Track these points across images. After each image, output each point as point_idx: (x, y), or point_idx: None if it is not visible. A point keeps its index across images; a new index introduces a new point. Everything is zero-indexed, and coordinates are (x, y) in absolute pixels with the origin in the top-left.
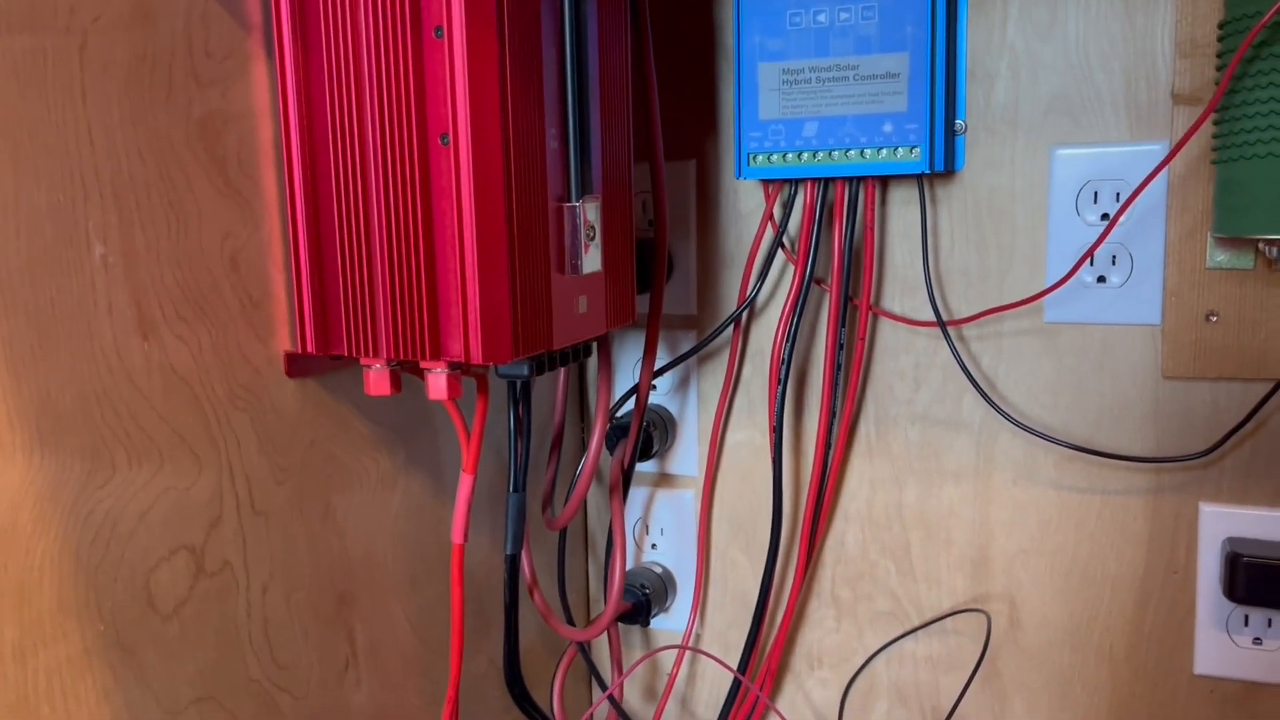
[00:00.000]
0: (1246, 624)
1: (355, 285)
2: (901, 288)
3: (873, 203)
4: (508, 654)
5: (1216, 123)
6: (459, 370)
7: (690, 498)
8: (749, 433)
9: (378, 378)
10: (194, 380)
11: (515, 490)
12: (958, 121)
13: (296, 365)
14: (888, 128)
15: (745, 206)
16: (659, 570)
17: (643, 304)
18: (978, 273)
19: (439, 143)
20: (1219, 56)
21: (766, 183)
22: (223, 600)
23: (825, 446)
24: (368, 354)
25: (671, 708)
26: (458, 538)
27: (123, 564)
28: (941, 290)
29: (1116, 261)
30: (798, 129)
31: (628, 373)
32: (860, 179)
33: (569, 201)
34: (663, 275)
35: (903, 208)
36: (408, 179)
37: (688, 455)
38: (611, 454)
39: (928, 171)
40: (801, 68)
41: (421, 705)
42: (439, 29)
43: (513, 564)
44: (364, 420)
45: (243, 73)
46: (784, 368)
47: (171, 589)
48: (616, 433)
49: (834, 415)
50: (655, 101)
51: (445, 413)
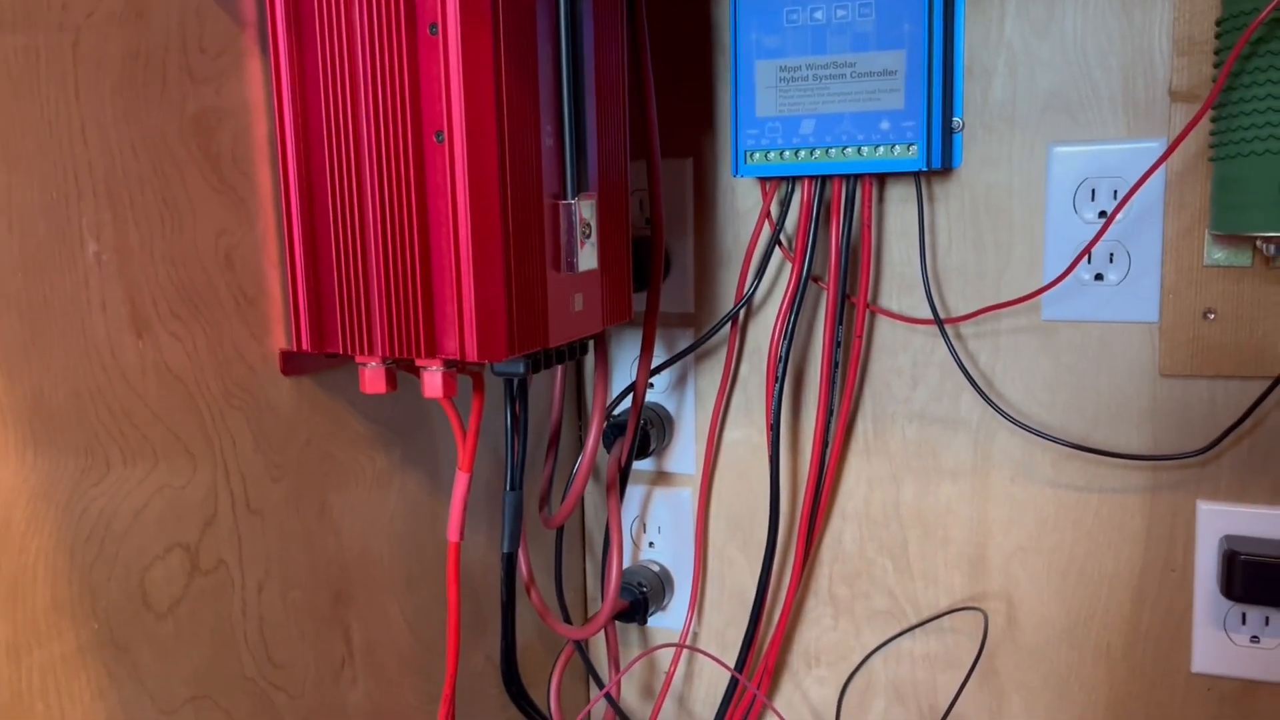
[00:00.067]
0: (1244, 622)
1: (350, 283)
2: (899, 285)
3: (870, 200)
4: (505, 652)
5: (1214, 120)
6: (454, 368)
7: (688, 496)
8: (746, 431)
9: (373, 376)
10: (188, 378)
11: (512, 488)
12: (955, 119)
13: (292, 363)
14: (885, 125)
15: (743, 204)
16: (656, 568)
17: (640, 302)
18: (975, 270)
19: (434, 140)
20: (1216, 54)
21: (764, 180)
22: (218, 599)
23: (823, 444)
24: (363, 352)
25: (669, 706)
26: (453, 536)
27: (117, 562)
28: (939, 288)
29: (1114, 259)
30: (795, 126)
31: (625, 371)
32: (858, 176)
33: (564, 199)
34: (659, 273)
35: (900, 205)
36: (402, 176)
37: (685, 453)
38: (609, 452)
39: (925, 169)
40: (798, 65)
41: (418, 704)
42: (434, 26)
43: (509, 562)
44: (360, 418)
45: (237, 69)
46: (781, 365)
47: (166, 587)
48: (614, 431)
49: (831, 413)
50: (651, 99)
51: (442, 411)
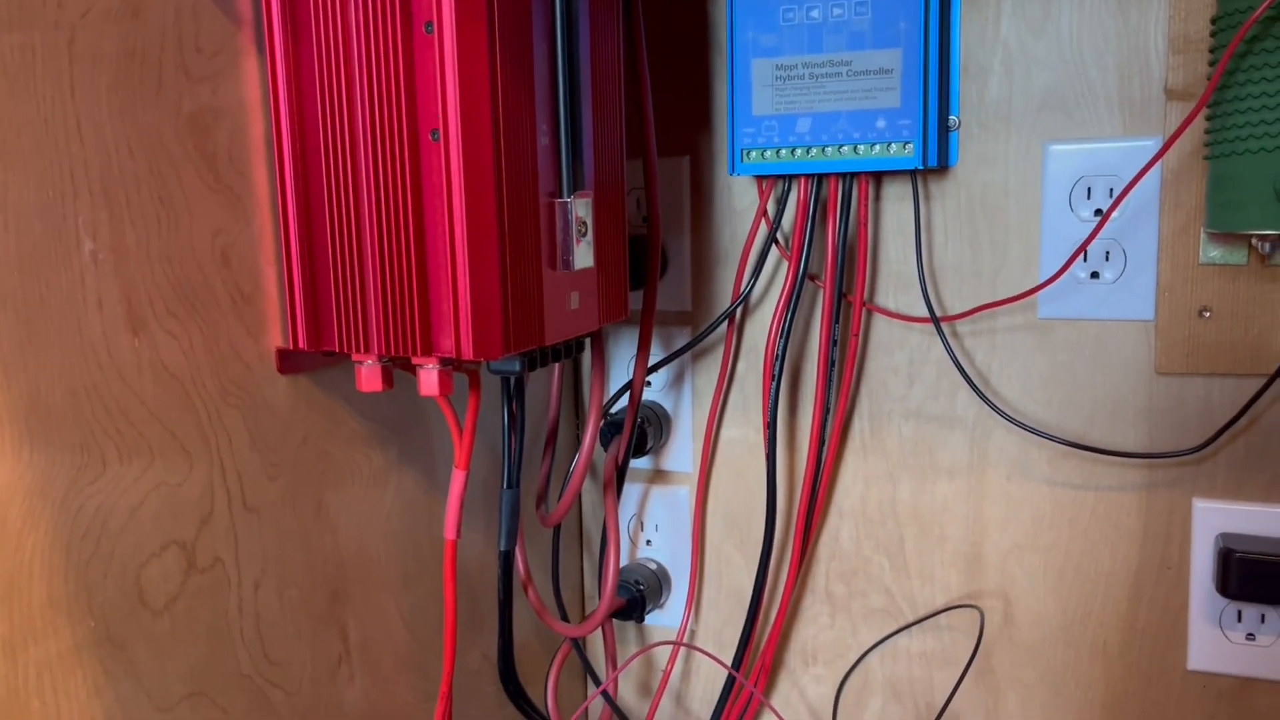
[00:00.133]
0: (1240, 619)
1: (346, 281)
2: (895, 284)
3: (866, 199)
4: (502, 650)
5: (1209, 118)
6: (450, 366)
7: (685, 494)
8: (743, 429)
9: (369, 374)
10: (185, 376)
11: (509, 486)
12: (951, 117)
13: (288, 361)
14: (881, 123)
15: (739, 203)
16: (654, 566)
17: (637, 300)
18: (971, 269)
19: (429, 138)
20: (1211, 52)
21: (760, 179)
22: (214, 596)
23: (819, 443)
24: (359, 350)
25: (666, 704)
26: (450, 534)
27: (113, 560)
28: (935, 286)
29: (1110, 257)
30: (791, 125)
31: (623, 369)
32: (854, 175)
33: (560, 197)
34: (656, 271)
35: (896, 204)
36: (398, 175)
37: (682, 451)
38: (606, 450)
39: (921, 167)
40: (795, 63)
41: (415, 701)
42: (429, 24)
43: (506, 560)
44: (356, 416)
45: (233, 68)
46: (778, 364)
47: (163, 585)
48: (611, 429)
49: (828, 411)
50: (648, 97)
51: (438, 409)
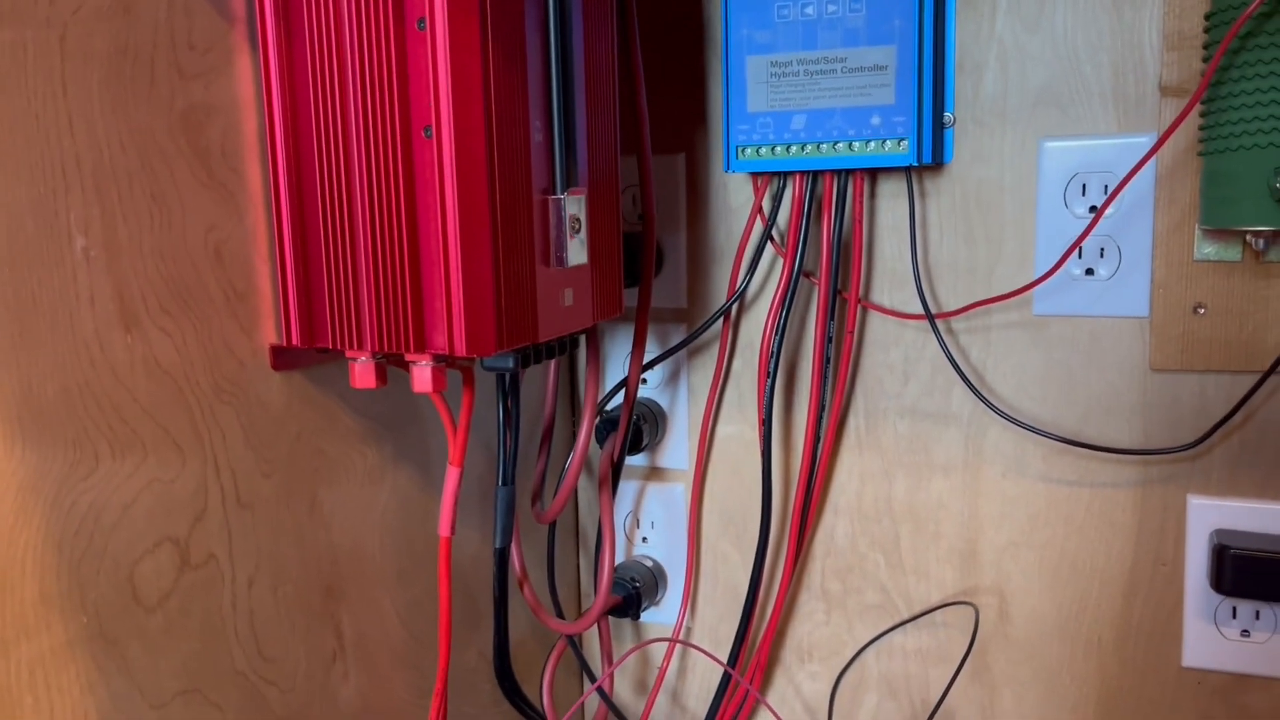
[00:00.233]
0: (1234, 616)
1: (339, 277)
2: (890, 281)
3: (861, 195)
4: (497, 647)
5: (1203, 115)
6: (444, 363)
7: (681, 491)
8: (739, 426)
9: (363, 370)
10: (178, 373)
11: (504, 483)
12: (946, 114)
13: (282, 358)
14: (875, 120)
15: (735, 200)
16: (649, 564)
17: (632, 298)
18: (966, 265)
19: (422, 135)
20: (1205, 48)
21: (755, 176)
22: (208, 593)
23: (814, 440)
24: (352, 347)
25: (662, 701)
26: (445, 531)
27: (106, 556)
28: (930, 283)
29: (1105, 254)
30: (786, 122)
31: (619, 366)
32: (849, 172)
33: (554, 194)
34: (651, 268)
35: (891, 200)
36: (391, 171)
37: (678, 449)
38: (601, 447)
39: (916, 164)
40: (789, 60)
41: (410, 698)
42: (422, 21)
43: (502, 557)
44: (351, 413)
45: (226, 65)
46: (773, 361)
47: (156, 581)
48: (606, 426)
49: (823, 408)
50: (642, 94)
51: (433, 406)
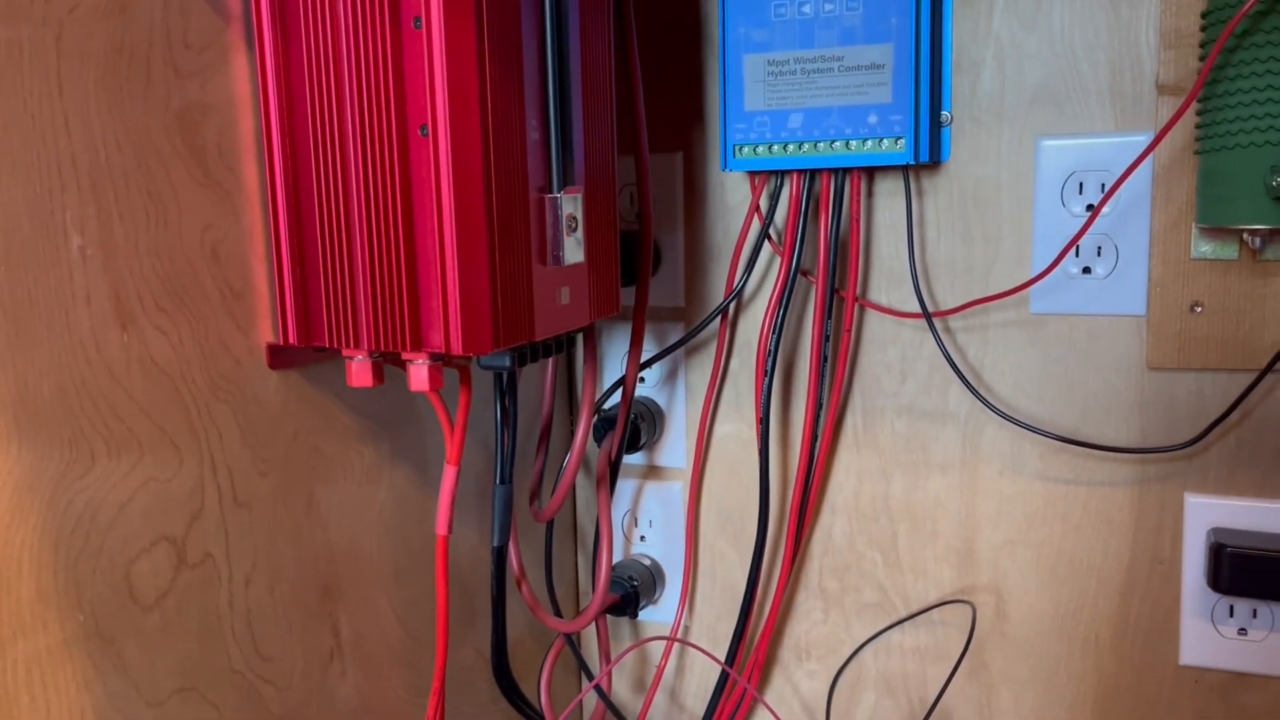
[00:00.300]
0: (1231, 614)
1: (336, 276)
2: (888, 279)
3: (858, 194)
4: (495, 646)
5: (1199, 113)
6: (441, 361)
7: (679, 490)
8: (737, 425)
9: (359, 369)
10: (174, 372)
11: (502, 482)
12: (943, 112)
13: (279, 357)
14: (873, 119)
15: (732, 199)
16: (647, 562)
17: (630, 296)
18: (964, 264)
19: (418, 133)
20: (1202, 46)
21: (753, 175)
22: (205, 591)
23: (812, 438)
24: (349, 345)
25: (660, 699)
26: (441, 529)
27: (103, 555)
28: (928, 282)
29: (1102, 252)
30: (783, 120)
31: (616, 365)
32: (846, 170)
33: (550, 192)
34: (648, 267)
35: (889, 199)
36: (387, 170)
37: (676, 447)
38: (599, 446)
39: (913, 162)
40: (786, 59)
41: (408, 697)
42: (418, 19)
43: (499, 556)
44: (348, 412)
45: (222, 64)
46: (770, 359)
47: (153, 580)
48: (604, 425)
49: (821, 407)
50: (639, 93)
51: (430, 404)
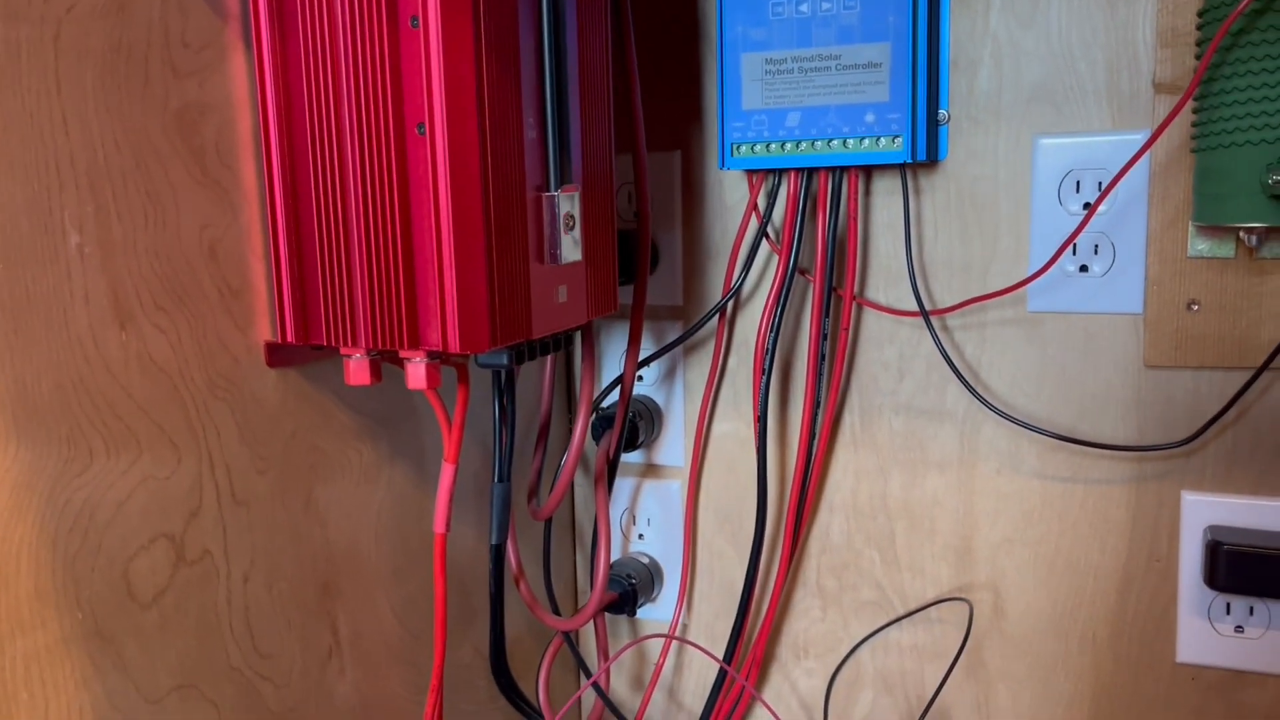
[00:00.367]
0: (1228, 612)
1: (334, 275)
2: (885, 278)
3: (856, 193)
4: (493, 643)
5: (1196, 111)
6: (438, 359)
7: (677, 488)
8: (735, 423)
9: (357, 367)
10: (172, 370)
11: (500, 480)
12: (940, 111)
13: (277, 355)
14: (870, 117)
15: (730, 198)
16: (646, 560)
17: (628, 295)
18: (961, 263)
19: (415, 132)
20: (1198, 45)
21: (751, 173)
22: (203, 589)
23: (810, 437)
24: (347, 343)
25: (658, 697)
26: (439, 527)
27: (101, 552)
28: (925, 280)
29: (1099, 251)
30: (781, 119)
31: (615, 363)
32: (844, 169)
33: (547, 191)
34: (646, 265)
35: (886, 198)
36: (384, 168)
37: (674, 446)
38: (597, 444)
39: (910, 161)
40: (784, 58)
41: (406, 694)
42: (415, 18)
43: (498, 554)
44: (346, 410)
45: (220, 63)
46: (768, 358)
47: (151, 577)
48: (602, 423)
49: (818, 406)
50: (637, 91)
51: (428, 403)
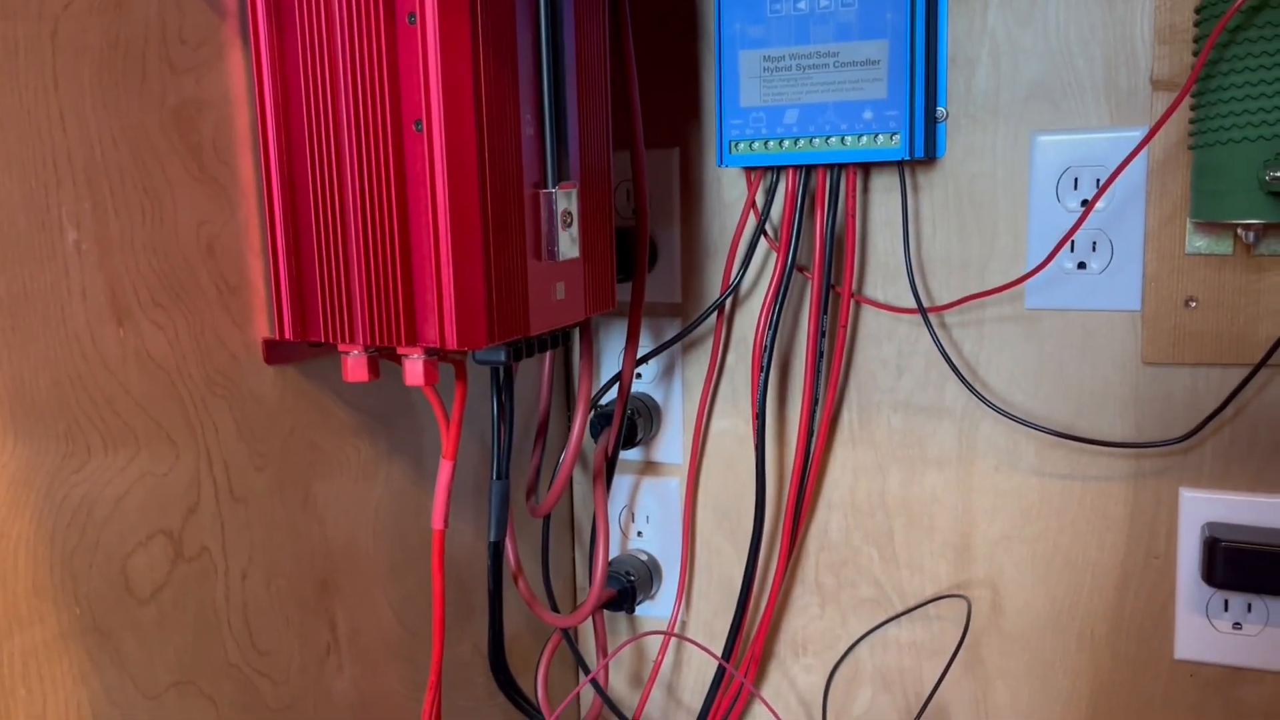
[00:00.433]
0: (1226, 609)
1: (331, 271)
2: (884, 275)
3: (854, 190)
4: (492, 640)
5: (1193, 108)
6: (436, 356)
7: (675, 485)
8: (733, 421)
9: (355, 364)
10: (170, 366)
11: (498, 477)
12: (939, 108)
13: (275, 352)
14: (868, 115)
15: (728, 195)
16: (644, 558)
17: (627, 292)
18: (959, 260)
19: (413, 129)
20: (1196, 42)
21: (749, 170)
22: (201, 585)
23: (808, 434)
24: (345, 340)
25: (657, 694)
26: (438, 524)
27: (99, 549)
28: (923, 277)
29: (1097, 248)
30: (779, 116)
31: (613, 360)
32: (842, 166)
33: (545, 188)
34: (644, 263)
35: (884, 195)
36: (382, 165)
37: (673, 443)
38: (596, 441)
39: (908, 158)
40: (782, 55)
41: (405, 691)
42: (412, 15)
43: (496, 551)
44: (345, 407)
45: (218, 59)
46: (766, 355)
47: (149, 574)
48: (601, 420)
49: (816, 403)
50: (635, 88)
51: (426, 399)
